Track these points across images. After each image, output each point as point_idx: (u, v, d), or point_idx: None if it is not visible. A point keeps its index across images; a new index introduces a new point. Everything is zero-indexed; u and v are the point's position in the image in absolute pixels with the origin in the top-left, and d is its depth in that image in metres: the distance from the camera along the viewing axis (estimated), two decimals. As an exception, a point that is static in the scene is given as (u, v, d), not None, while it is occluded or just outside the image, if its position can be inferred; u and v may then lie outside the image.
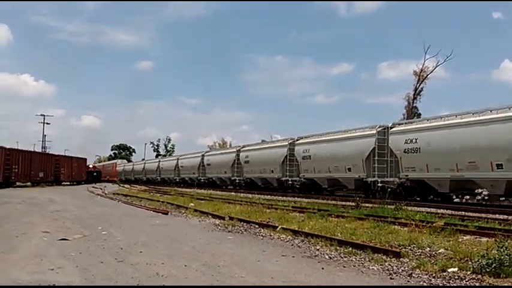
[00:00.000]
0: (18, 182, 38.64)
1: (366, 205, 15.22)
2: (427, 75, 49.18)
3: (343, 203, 17.05)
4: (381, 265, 6.24)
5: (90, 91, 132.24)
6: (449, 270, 5.75)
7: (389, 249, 7.13)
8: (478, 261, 5.79)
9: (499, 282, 5.23)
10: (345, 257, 6.86)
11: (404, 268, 6.03)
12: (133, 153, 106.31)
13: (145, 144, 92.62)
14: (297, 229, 9.51)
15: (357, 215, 12.17)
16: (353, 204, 15.30)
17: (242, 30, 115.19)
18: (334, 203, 17.73)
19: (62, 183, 47.21)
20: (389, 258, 6.57)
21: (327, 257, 6.92)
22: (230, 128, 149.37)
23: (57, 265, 5.95)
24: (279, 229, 9.71)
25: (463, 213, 13.37)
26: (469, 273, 5.60)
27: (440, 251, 7.12)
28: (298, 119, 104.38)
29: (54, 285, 4.97)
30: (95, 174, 60.42)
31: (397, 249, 7.10)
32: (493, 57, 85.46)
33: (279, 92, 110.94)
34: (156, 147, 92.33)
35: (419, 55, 51.69)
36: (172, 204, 17.96)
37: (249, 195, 24.11)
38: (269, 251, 7.51)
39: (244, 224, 10.96)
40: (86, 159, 59.28)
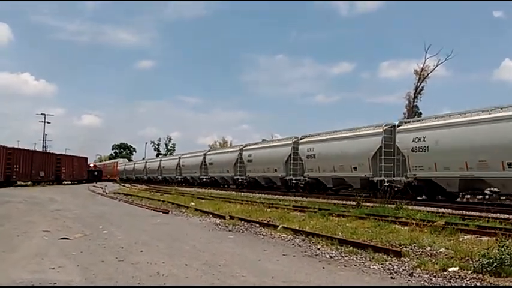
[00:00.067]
0: (19, 181, 38.71)
1: (367, 204, 15.21)
2: (428, 74, 49.08)
3: (344, 202, 17.04)
4: (381, 264, 6.24)
5: (91, 90, 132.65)
6: (450, 270, 5.75)
7: (390, 248, 7.13)
8: (479, 260, 5.79)
9: (500, 281, 5.22)
10: (345, 256, 6.86)
11: (405, 267, 6.02)
12: (134, 153, 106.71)
13: (146, 143, 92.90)
14: (297, 228, 9.52)
15: (357, 214, 12.16)
16: (354, 203, 15.30)
17: (242, 30, 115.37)
18: (335, 202, 17.71)
19: (63, 183, 47.27)
20: (390, 258, 6.57)
21: (327, 256, 6.92)
22: (230, 128, 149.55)
23: (58, 264, 5.96)
24: (279, 228, 9.71)
25: (464, 212, 13.35)
26: (469, 272, 5.59)
27: (441, 250, 7.11)
28: (298, 118, 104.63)
29: (54, 284, 4.97)
30: (95, 173, 60.53)
31: (397, 249, 7.09)
32: (493, 56, 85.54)
33: (279, 92, 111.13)
34: (156, 147, 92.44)
35: (420, 54, 51.59)
36: (173, 203, 17.98)
37: (250, 195, 24.12)
38: (270, 250, 7.51)
39: (245, 223, 10.97)
40: (86, 159, 59.34)
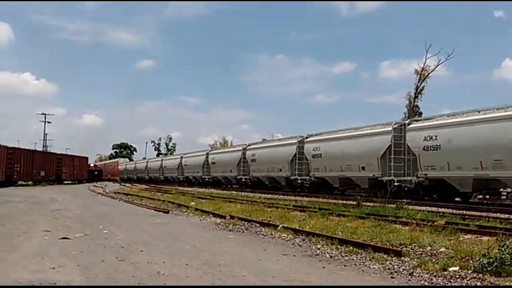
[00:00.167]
0: (20, 181, 38.78)
1: (367, 204, 15.21)
2: (428, 74, 49.02)
3: (344, 202, 17.03)
4: (381, 264, 6.24)
5: (91, 90, 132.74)
6: (450, 269, 5.74)
7: (390, 248, 7.12)
8: (479, 260, 5.78)
9: (500, 281, 5.22)
10: (345, 256, 6.86)
11: (405, 267, 6.02)
12: (135, 152, 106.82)
13: (146, 143, 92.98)
14: (298, 228, 9.52)
15: (358, 214, 12.15)
16: (354, 203, 15.29)
17: (242, 30, 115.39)
18: (335, 202, 17.70)
19: (64, 182, 47.33)
20: (390, 257, 6.56)
21: (327, 256, 6.92)
22: (230, 128, 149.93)
23: (58, 264, 5.96)
24: (280, 228, 9.71)
25: (464, 212, 13.34)
26: (470, 272, 5.59)
27: (441, 250, 7.10)
28: (298, 118, 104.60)
29: (55, 284, 4.98)
30: (96, 173, 60.59)
31: (398, 248, 7.09)
32: (494, 56, 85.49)
33: (279, 92, 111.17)
34: (157, 146, 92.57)
35: (420, 54, 51.43)
36: (174, 203, 17.98)
37: (250, 194, 24.10)
38: (270, 250, 7.51)
39: (245, 223, 10.97)
40: (87, 158, 59.44)
